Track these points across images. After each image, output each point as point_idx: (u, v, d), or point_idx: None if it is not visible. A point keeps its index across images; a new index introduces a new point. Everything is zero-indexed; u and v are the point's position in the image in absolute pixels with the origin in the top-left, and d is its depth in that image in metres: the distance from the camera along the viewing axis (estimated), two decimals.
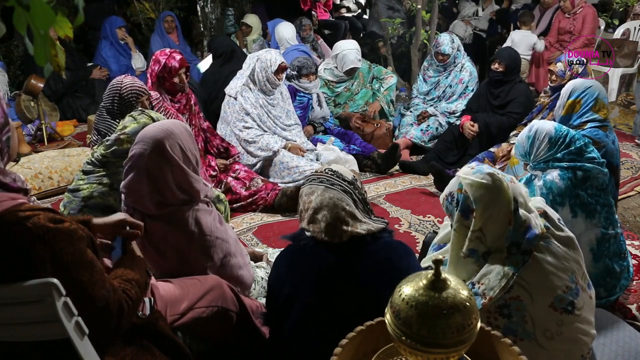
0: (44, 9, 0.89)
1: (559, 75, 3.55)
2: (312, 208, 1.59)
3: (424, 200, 3.58)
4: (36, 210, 1.24)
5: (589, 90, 2.61)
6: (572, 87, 2.68)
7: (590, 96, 2.60)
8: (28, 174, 3.56)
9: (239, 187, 3.46)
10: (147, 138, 1.90)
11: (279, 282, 1.65)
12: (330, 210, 1.57)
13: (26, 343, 1.29)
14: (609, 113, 2.65)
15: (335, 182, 1.63)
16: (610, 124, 2.63)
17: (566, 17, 5.58)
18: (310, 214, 1.60)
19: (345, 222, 1.57)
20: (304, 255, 1.61)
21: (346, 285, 1.56)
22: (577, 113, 2.62)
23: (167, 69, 3.35)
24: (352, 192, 1.63)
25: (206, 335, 1.90)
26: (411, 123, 4.55)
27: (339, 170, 1.67)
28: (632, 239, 2.94)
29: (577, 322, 1.63)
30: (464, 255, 1.68)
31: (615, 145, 2.59)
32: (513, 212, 1.63)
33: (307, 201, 1.62)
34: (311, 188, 1.63)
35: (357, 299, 1.53)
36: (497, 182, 1.64)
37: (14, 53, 5.64)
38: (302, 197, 1.66)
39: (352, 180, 1.67)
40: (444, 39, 4.47)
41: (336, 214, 1.57)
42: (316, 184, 1.63)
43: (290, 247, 1.69)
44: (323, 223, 1.57)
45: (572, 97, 2.65)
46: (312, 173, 1.71)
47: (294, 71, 4.21)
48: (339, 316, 1.52)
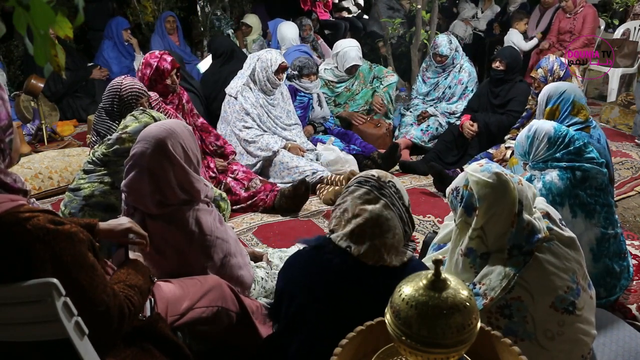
0: (44, 9, 0.89)
1: (541, 82, 3.53)
2: (365, 219, 1.47)
3: (424, 200, 3.58)
4: (36, 211, 1.24)
5: (564, 95, 2.61)
6: (547, 94, 2.67)
7: (566, 101, 2.60)
8: (28, 174, 3.56)
9: (238, 188, 3.46)
10: (149, 137, 1.90)
11: (293, 290, 1.55)
12: (382, 234, 1.47)
13: (26, 343, 1.29)
14: (588, 112, 2.64)
15: (395, 204, 1.52)
16: (593, 123, 2.62)
17: (567, 16, 5.58)
18: (359, 224, 1.48)
19: (388, 251, 1.48)
20: (326, 270, 1.49)
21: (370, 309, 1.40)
22: (558, 119, 2.61)
23: (159, 71, 3.34)
24: (406, 221, 1.55)
25: (206, 335, 1.90)
26: (411, 123, 4.55)
27: (400, 191, 1.56)
28: (632, 239, 2.94)
29: (577, 322, 1.63)
30: (462, 252, 1.68)
31: (602, 143, 2.58)
32: (517, 214, 1.63)
33: (360, 206, 1.50)
34: (370, 195, 1.51)
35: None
36: (503, 183, 1.64)
37: (14, 53, 5.63)
38: (354, 197, 1.53)
39: (408, 206, 1.57)
40: (441, 40, 4.47)
41: (384, 243, 1.48)
42: (377, 194, 1.51)
43: (306, 256, 1.57)
44: (368, 242, 1.46)
45: (550, 104, 2.65)
46: (372, 177, 1.56)
47: (295, 71, 4.21)
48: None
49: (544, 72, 3.51)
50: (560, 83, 2.79)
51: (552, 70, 3.46)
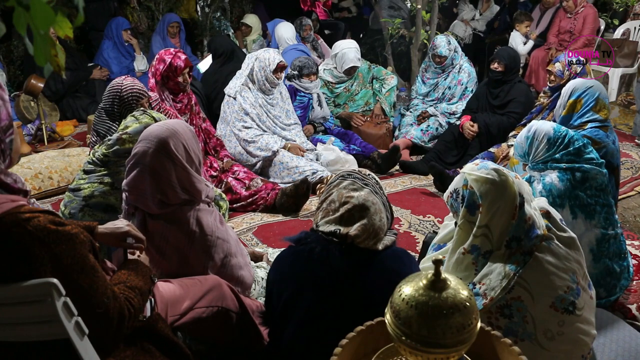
0: (44, 9, 0.89)
1: (558, 76, 3.55)
2: (353, 204, 1.53)
3: (424, 200, 3.58)
4: (36, 212, 1.23)
5: (590, 90, 2.61)
6: (573, 86, 2.67)
7: (591, 96, 2.60)
8: (28, 174, 3.56)
9: (239, 187, 3.47)
10: (151, 136, 1.90)
11: (281, 283, 1.61)
12: (370, 216, 1.53)
13: (26, 343, 1.29)
14: (609, 113, 2.64)
15: (378, 192, 1.60)
16: (610, 125, 2.63)
17: (567, 16, 5.58)
18: (348, 209, 1.54)
19: (374, 234, 1.54)
20: (310, 260, 1.55)
21: (352, 292, 1.52)
22: (578, 113, 2.61)
23: (172, 68, 3.37)
24: (388, 208, 1.62)
25: (206, 335, 1.90)
26: (411, 123, 4.56)
27: (380, 183, 1.66)
28: (632, 239, 2.94)
29: (578, 322, 1.63)
30: (464, 250, 1.68)
31: (616, 146, 2.59)
32: (518, 206, 1.63)
33: (346, 195, 1.56)
34: (355, 185, 1.58)
35: (362, 306, 1.50)
36: (502, 177, 1.65)
37: (14, 53, 5.63)
38: (339, 188, 1.59)
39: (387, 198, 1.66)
40: (440, 40, 4.47)
41: (372, 224, 1.54)
42: (361, 183, 1.59)
43: (294, 249, 1.62)
44: (357, 224, 1.52)
45: (573, 96, 2.64)
46: (354, 171, 1.65)
47: (295, 71, 4.21)
48: (342, 322, 1.48)
49: (561, 66, 3.54)
50: (587, 79, 2.80)
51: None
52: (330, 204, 1.59)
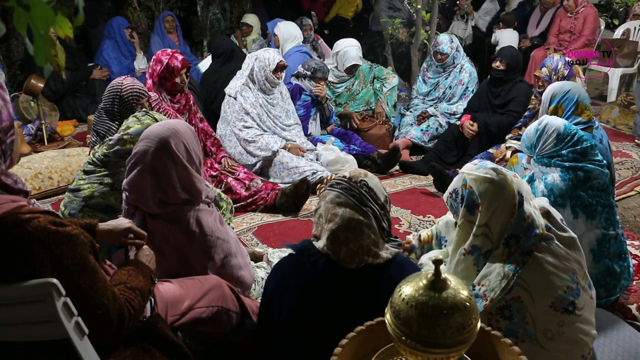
0: (44, 9, 0.89)
1: (545, 80, 3.53)
2: (337, 225, 1.48)
3: (423, 200, 3.58)
4: (37, 212, 1.23)
5: (569, 94, 2.60)
6: (551, 92, 2.66)
7: (570, 100, 2.59)
8: (28, 174, 3.55)
9: (239, 188, 3.47)
10: (152, 136, 1.90)
11: (282, 294, 1.55)
12: (356, 238, 1.47)
13: (26, 343, 1.29)
14: (592, 113, 2.63)
15: (367, 204, 1.51)
16: (596, 124, 2.62)
17: (568, 16, 5.58)
18: (332, 229, 1.49)
19: (367, 252, 1.49)
20: (314, 272, 1.50)
21: (357, 306, 1.47)
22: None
23: (169, 69, 3.36)
24: (381, 218, 1.53)
25: (206, 335, 1.90)
26: (411, 123, 4.56)
27: (374, 189, 1.54)
28: (632, 239, 2.93)
29: (578, 322, 1.63)
30: (465, 251, 1.68)
31: (604, 144, 2.58)
32: (517, 205, 1.63)
33: (331, 211, 1.50)
34: (340, 198, 1.51)
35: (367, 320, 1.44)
36: (501, 176, 1.66)
37: (14, 53, 5.64)
38: (326, 201, 1.53)
39: (384, 203, 1.56)
40: (442, 38, 4.49)
41: (360, 245, 1.47)
42: (347, 196, 1.50)
43: (295, 258, 1.58)
44: (344, 248, 1.47)
45: (553, 103, 2.64)
46: (343, 178, 1.56)
47: (308, 71, 4.17)
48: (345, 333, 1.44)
49: (548, 70, 3.51)
50: (564, 82, 2.78)
51: (556, 69, 3.47)
52: (320, 219, 1.55)
